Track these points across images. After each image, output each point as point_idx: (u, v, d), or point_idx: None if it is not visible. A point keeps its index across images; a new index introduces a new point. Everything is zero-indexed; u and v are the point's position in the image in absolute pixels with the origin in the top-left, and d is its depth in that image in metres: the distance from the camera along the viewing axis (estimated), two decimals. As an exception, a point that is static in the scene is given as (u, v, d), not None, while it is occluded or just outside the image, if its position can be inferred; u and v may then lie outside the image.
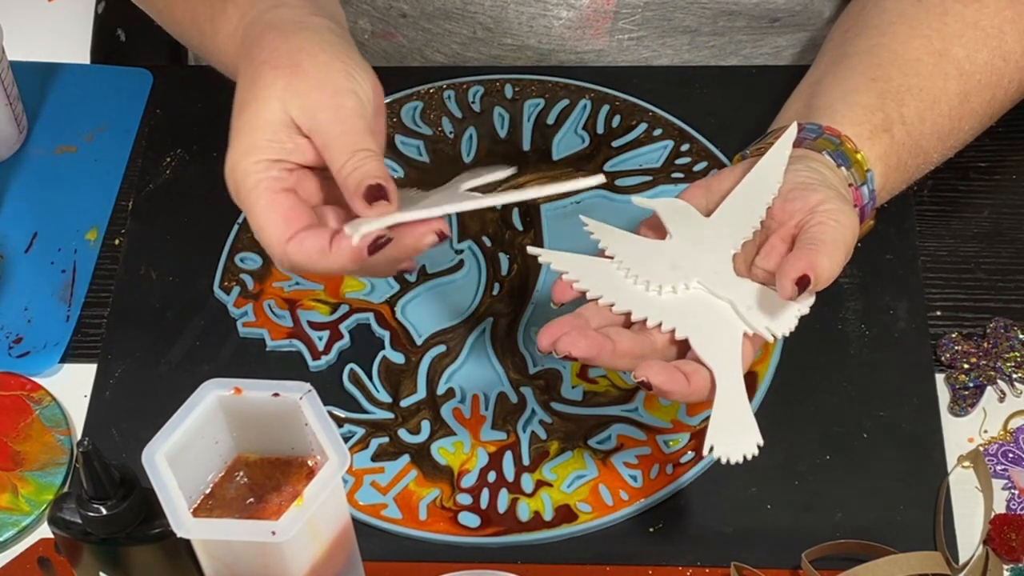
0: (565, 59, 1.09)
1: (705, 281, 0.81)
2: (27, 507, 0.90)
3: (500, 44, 1.09)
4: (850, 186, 0.85)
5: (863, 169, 0.86)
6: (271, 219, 0.77)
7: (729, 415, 0.77)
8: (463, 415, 0.92)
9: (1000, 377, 0.92)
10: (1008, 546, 0.85)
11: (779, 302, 0.79)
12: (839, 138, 0.86)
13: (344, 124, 0.78)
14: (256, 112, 0.79)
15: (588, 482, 0.89)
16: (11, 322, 0.98)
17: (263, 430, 0.74)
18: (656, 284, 0.80)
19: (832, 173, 0.85)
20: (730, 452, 0.77)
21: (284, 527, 0.69)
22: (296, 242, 0.77)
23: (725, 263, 0.81)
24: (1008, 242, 0.98)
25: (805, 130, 0.87)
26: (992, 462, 0.89)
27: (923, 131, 0.91)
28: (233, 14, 0.86)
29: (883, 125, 0.88)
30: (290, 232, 0.77)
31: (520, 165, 1.02)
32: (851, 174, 0.86)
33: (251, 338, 0.96)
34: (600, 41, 1.08)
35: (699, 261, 0.81)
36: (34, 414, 0.93)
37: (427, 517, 0.88)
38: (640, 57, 1.09)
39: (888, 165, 0.89)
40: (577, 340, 0.76)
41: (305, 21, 0.83)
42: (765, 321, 0.79)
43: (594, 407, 0.91)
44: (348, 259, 0.76)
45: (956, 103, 0.92)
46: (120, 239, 1.02)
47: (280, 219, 0.77)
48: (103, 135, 1.08)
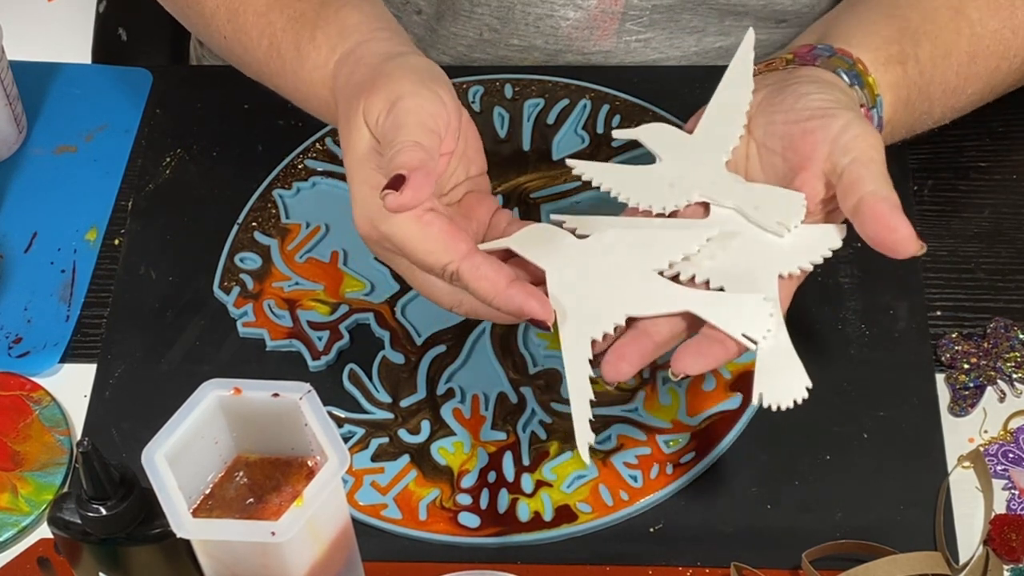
0: (572, 60, 1.09)
1: (706, 193, 0.81)
2: (27, 507, 0.90)
3: (507, 45, 1.09)
4: (861, 107, 0.84)
5: (874, 93, 0.86)
6: (430, 246, 0.77)
7: (774, 360, 0.77)
8: (463, 415, 0.92)
9: (1000, 377, 0.92)
10: (1008, 546, 0.85)
11: (783, 197, 0.79)
12: (852, 59, 0.86)
13: (396, 120, 0.78)
14: (355, 146, 0.80)
15: (588, 482, 0.88)
16: (11, 322, 0.98)
17: (263, 430, 0.74)
18: (660, 206, 0.80)
19: (843, 92, 0.83)
20: (780, 398, 0.76)
21: (284, 527, 0.69)
22: (471, 265, 0.77)
23: (720, 172, 0.81)
24: (1008, 242, 0.98)
25: (817, 49, 0.86)
26: (992, 462, 0.89)
27: (933, 77, 0.90)
28: (323, 44, 0.87)
29: (898, 57, 0.88)
30: (458, 253, 0.76)
31: (520, 165, 1.03)
32: (863, 95, 0.85)
33: (251, 338, 0.96)
34: (607, 42, 1.08)
35: (695, 175, 0.81)
36: (34, 414, 0.93)
37: (427, 517, 0.88)
38: (647, 58, 1.09)
39: (898, 97, 0.88)
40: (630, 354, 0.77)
41: (392, 52, 0.84)
42: (776, 216, 0.79)
43: (594, 407, 0.91)
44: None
45: (965, 61, 0.91)
46: (120, 239, 1.02)
47: (441, 243, 0.77)
48: (103, 135, 1.08)
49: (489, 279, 0.76)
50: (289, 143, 1.04)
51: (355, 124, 0.81)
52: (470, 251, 0.77)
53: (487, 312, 0.79)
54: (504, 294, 0.76)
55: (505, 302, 0.76)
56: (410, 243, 0.77)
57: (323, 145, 1.04)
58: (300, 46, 0.88)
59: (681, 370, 0.76)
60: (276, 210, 1.01)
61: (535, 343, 0.94)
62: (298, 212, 1.01)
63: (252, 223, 1.01)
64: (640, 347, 0.77)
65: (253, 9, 0.92)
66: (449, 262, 0.77)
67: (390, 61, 0.83)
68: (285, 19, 0.90)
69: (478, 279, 0.76)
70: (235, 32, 0.94)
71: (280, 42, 0.90)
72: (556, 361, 0.93)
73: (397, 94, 0.79)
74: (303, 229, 1.00)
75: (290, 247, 1.00)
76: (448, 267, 0.77)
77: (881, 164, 0.79)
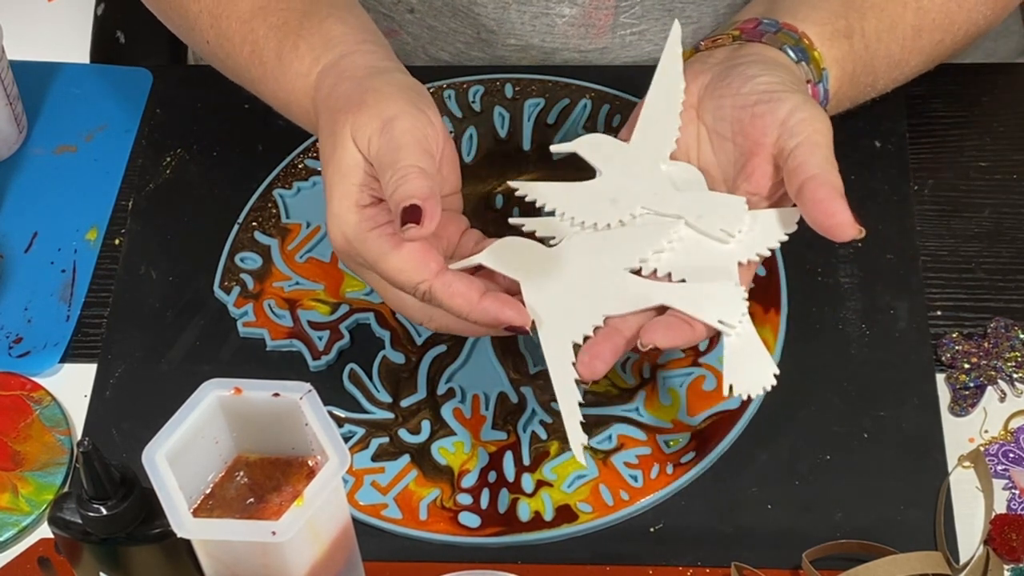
0: (569, 58, 1.09)
1: (649, 205, 0.82)
2: (27, 507, 0.90)
3: (504, 45, 1.09)
4: (808, 82, 0.86)
5: (820, 68, 0.87)
6: (402, 265, 0.78)
7: (741, 352, 0.79)
8: (463, 415, 0.92)
9: (1001, 377, 0.92)
10: (1009, 546, 0.85)
11: (724, 203, 0.81)
12: (797, 34, 0.87)
13: (392, 144, 0.78)
14: (339, 161, 0.81)
15: (588, 482, 0.88)
16: (11, 322, 0.98)
17: (263, 430, 0.74)
18: (604, 223, 0.82)
19: (788, 71, 0.85)
20: (749, 387, 0.78)
21: (284, 527, 0.69)
22: (443, 283, 0.78)
23: (660, 182, 0.83)
24: (1008, 242, 0.98)
25: (763, 24, 0.87)
26: (992, 462, 0.89)
27: (878, 51, 0.91)
28: (306, 54, 0.87)
29: (844, 31, 0.89)
30: (429, 272, 0.78)
31: (520, 165, 1.02)
32: (809, 70, 0.86)
33: (251, 338, 0.96)
34: (603, 39, 1.08)
35: (635, 188, 0.82)
36: (34, 414, 0.93)
37: (427, 517, 0.88)
38: (643, 51, 1.09)
39: (843, 71, 0.89)
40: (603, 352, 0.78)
41: (378, 66, 0.84)
42: (719, 223, 0.81)
43: (594, 407, 0.91)
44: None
45: (910, 35, 0.92)
46: (120, 239, 1.02)
47: (412, 262, 0.78)
48: (103, 135, 1.08)
49: (462, 295, 0.78)
50: (289, 143, 1.04)
51: (340, 139, 0.81)
52: (441, 269, 0.78)
53: (459, 326, 0.81)
54: (478, 308, 0.78)
55: (480, 315, 0.78)
56: (382, 262, 0.79)
57: (323, 145, 1.04)
58: (282, 55, 0.89)
59: (650, 340, 0.77)
60: (276, 210, 1.01)
61: (535, 343, 0.94)
62: (298, 212, 1.01)
63: (252, 223, 1.01)
64: (612, 344, 0.79)
65: (236, 16, 0.92)
66: (421, 281, 0.78)
67: (377, 77, 0.83)
68: (267, 27, 0.90)
69: (451, 296, 0.78)
70: (217, 37, 0.94)
71: (262, 49, 0.90)
72: (556, 361, 0.93)
73: (390, 114, 0.80)
74: (303, 229, 1.00)
75: (290, 247, 1.00)
76: (420, 286, 0.78)
77: (827, 148, 0.80)
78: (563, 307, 0.80)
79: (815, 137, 0.80)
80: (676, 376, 0.92)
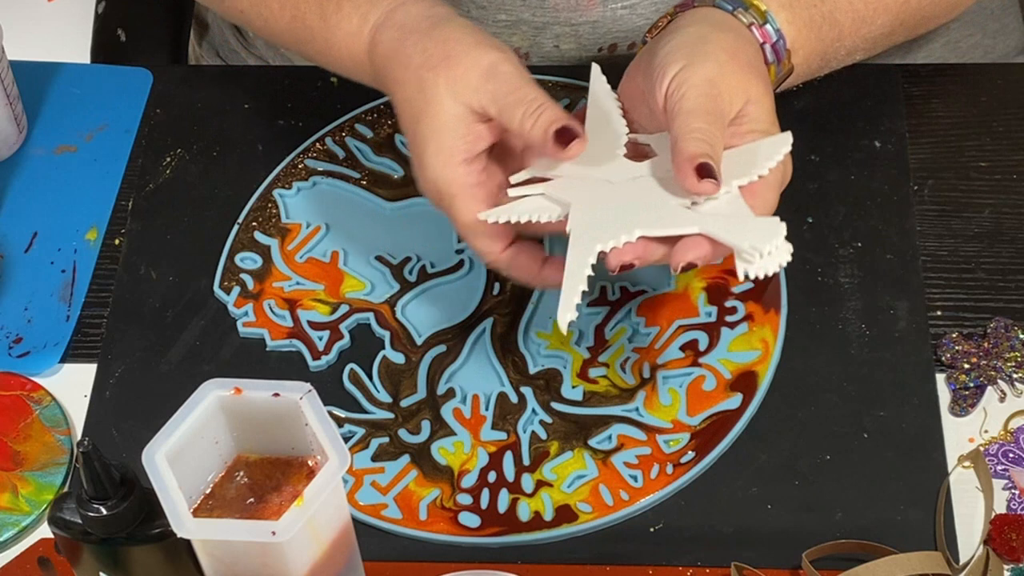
0: (560, 32, 1.08)
1: (647, 233, 0.81)
2: (27, 507, 0.90)
3: (495, 21, 1.08)
4: (751, 25, 0.87)
5: (761, 10, 0.88)
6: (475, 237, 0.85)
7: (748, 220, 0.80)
8: (463, 415, 0.92)
9: (1000, 377, 0.92)
10: (1008, 546, 0.85)
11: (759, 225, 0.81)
12: None
13: (509, 85, 0.83)
14: (433, 117, 0.84)
15: (588, 482, 0.88)
16: (11, 322, 0.98)
17: (263, 430, 0.74)
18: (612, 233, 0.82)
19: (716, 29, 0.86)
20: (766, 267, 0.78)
21: (284, 527, 0.69)
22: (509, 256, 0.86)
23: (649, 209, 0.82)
24: (1008, 242, 0.98)
25: None
26: (992, 462, 0.89)
27: (838, 2, 0.92)
28: (352, 13, 0.90)
29: None
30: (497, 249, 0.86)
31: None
32: (749, 14, 0.88)
33: (251, 338, 0.96)
34: (594, 12, 1.07)
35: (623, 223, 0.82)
36: (34, 414, 0.93)
37: (427, 517, 0.88)
38: (635, 26, 1.08)
39: (796, 15, 0.90)
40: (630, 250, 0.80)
41: (436, 13, 0.87)
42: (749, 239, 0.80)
43: (594, 407, 0.91)
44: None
45: None
46: (120, 239, 1.02)
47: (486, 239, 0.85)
48: (103, 135, 1.08)
49: (526, 267, 0.86)
50: (289, 143, 1.04)
51: (432, 95, 0.84)
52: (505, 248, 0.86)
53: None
54: (539, 277, 0.87)
55: (541, 283, 0.87)
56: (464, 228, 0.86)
57: (323, 145, 1.04)
58: (326, 17, 0.91)
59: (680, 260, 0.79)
60: (276, 210, 1.01)
61: (535, 343, 0.94)
62: (298, 212, 1.01)
63: (252, 223, 1.01)
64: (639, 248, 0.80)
65: None
66: (489, 252, 0.86)
67: (444, 26, 0.86)
68: None
69: (517, 268, 0.86)
70: (254, 5, 0.95)
71: (304, 14, 0.93)
72: (556, 361, 0.93)
73: (488, 61, 0.84)
74: (303, 229, 1.00)
75: (290, 247, 1.00)
76: (487, 257, 0.86)
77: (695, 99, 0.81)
78: (600, 220, 0.81)
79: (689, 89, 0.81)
80: (676, 376, 0.92)
